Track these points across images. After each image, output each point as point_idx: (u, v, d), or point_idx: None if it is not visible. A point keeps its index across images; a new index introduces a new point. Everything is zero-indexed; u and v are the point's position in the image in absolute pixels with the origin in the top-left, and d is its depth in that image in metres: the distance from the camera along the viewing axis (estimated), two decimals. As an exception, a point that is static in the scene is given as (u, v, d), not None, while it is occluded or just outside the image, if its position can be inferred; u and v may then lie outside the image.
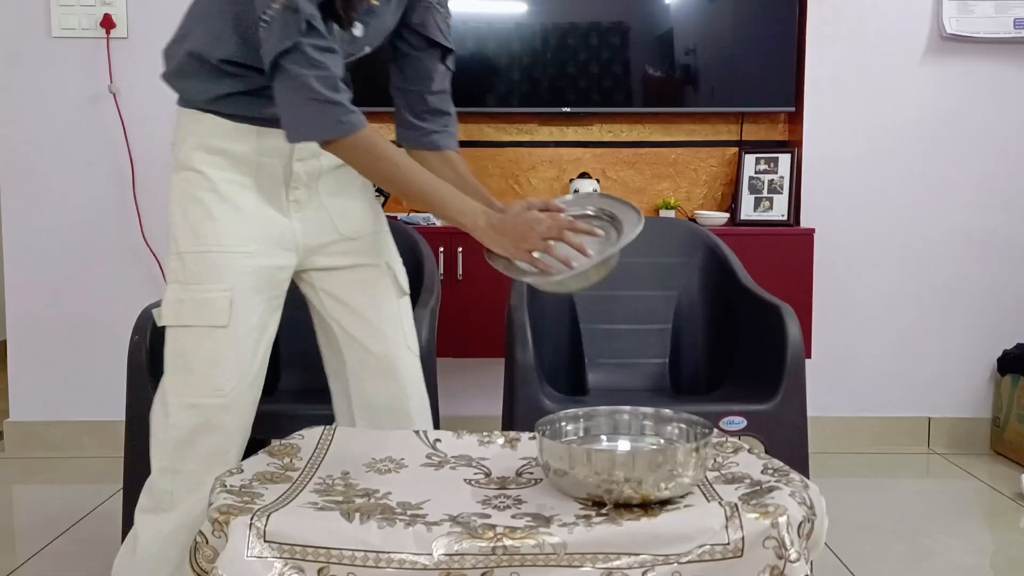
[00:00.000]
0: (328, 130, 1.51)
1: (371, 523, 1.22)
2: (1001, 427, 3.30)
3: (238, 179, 1.65)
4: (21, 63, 3.17)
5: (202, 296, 1.61)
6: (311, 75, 1.46)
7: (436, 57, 1.74)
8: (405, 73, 1.77)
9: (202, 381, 1.61)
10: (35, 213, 3.21)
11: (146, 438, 1.66)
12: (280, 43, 1.46)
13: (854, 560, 2.39)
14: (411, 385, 1.81)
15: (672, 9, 3.21)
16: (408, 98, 1.76)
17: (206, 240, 1.62)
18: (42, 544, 2.49)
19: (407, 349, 1.81)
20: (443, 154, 1.77)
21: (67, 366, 3.26)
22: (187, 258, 1.63)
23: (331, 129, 1.50)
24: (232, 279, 1.62)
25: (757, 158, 3.27)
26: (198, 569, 1.27)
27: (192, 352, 1.62)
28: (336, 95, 1.49)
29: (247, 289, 1.63)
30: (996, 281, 3.33)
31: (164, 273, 1.67)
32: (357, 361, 1.79)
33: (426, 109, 1.75)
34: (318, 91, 1.47)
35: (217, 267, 1.62)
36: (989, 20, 3.20)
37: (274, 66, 1.48)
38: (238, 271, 1.63)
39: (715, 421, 2.05)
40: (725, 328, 2.52)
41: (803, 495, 1.31)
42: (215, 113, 1.63)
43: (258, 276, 1.65)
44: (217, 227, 1.63)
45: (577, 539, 1.20)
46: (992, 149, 3.29)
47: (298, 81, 1.47)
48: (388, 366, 1.78)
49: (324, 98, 1.48)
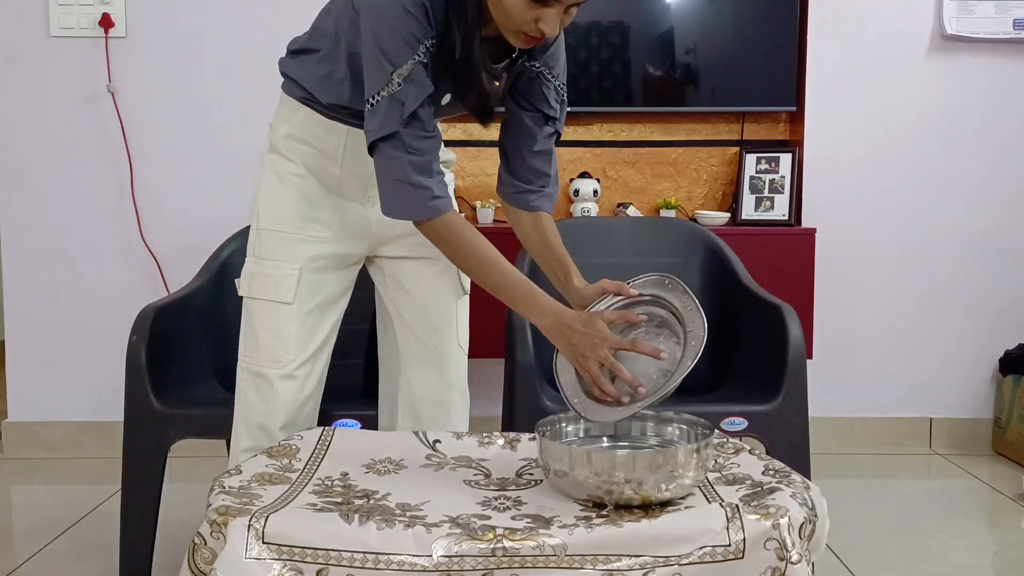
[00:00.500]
0: (414, 212, 1.58)
1: (370, 524, 1.22)
2: (1002, 427, 3.30)
3: (323, 169, 1.77)
4: (19, 62, 3.17)
5: (273, 272, 1.75)
6: (406, 159, 1.55)
7: (539, 120, 1.75)
8: (509, 129, 1.78)
9: (264, 351, 1.75)
10: (34, 213, 3.21)
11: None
12: (381, 129, 1.55)
13: (855, 561, 2.39)
14: (455, 380, 1.90)
15: (672, 8, 3.20)
16: (509, 153, 1.78)
17: (283, 221, 1.76)
18: (41, 544, 2.49)
19: (457, 345, 1.90)
20: (535, 215, 1.78)
21: (66, 366, 3.25)
22: (264, 235, 1.77)
23: (417, 211, 1.58)
24: (302, 260, 1.75)
25: (758, 158, 3.26)
26: (196, 570, 1.26)
27: (259, 323, 1.76)
28: (427, 179, 1.56)
29: (316, 270, 1.77)
30: (997, 281, 3.33)
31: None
32: (408, 349, 1.89)
33: (525, 167, 1.77)
34: (409, 175, 1.55)
35: (290, 247, 1.75)
36: (989, 20, 3.20)
37: (373, 146, 1.57)
38: (309, 254, 1.76)
39: (716, 422, 2.04)
40: (726, 328, 2.51)
41: (804, 496, 1.31)
42: (312, 107, 1.74)
43: (328, 260, 1.79)
44: (296, 210, 1.76)
45: (577, 540, 1.20)
46: (994, 149, 3.29)
47: (393, 163, 1.56)
48: (436, 358, 1.87)
49: (414, 182, 1.56)
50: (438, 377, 1.88)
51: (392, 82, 1.52)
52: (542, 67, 1.70)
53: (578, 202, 3.21)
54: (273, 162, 1.79)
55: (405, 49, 1.52)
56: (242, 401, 1.80)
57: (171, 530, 2.25)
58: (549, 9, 1.48)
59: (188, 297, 2.31)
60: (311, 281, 1.77)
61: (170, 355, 2.18)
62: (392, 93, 1.53)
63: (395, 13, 1.51)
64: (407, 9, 1.51)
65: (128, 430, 2.10)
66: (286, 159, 1.78)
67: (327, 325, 1.81)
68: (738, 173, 3.29)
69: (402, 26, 1.52)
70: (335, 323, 1.84)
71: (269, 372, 1.75)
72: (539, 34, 1.51)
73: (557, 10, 1.49)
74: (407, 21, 1.52)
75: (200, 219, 3.18)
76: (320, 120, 1.74)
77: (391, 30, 1.52)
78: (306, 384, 1.78)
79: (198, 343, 2.33)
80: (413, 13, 1.51)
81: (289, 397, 1.76)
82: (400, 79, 1.52)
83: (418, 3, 1.52)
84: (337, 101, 1.71)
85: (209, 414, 2.09)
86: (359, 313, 1.93)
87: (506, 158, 1.79)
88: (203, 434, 2.12)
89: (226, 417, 2.04)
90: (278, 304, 1.75)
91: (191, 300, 2.31)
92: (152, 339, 2.11)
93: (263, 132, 1.86)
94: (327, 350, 1.83)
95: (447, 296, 1.88)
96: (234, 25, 3.17)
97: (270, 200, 1.78)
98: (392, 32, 1.52)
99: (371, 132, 1.56)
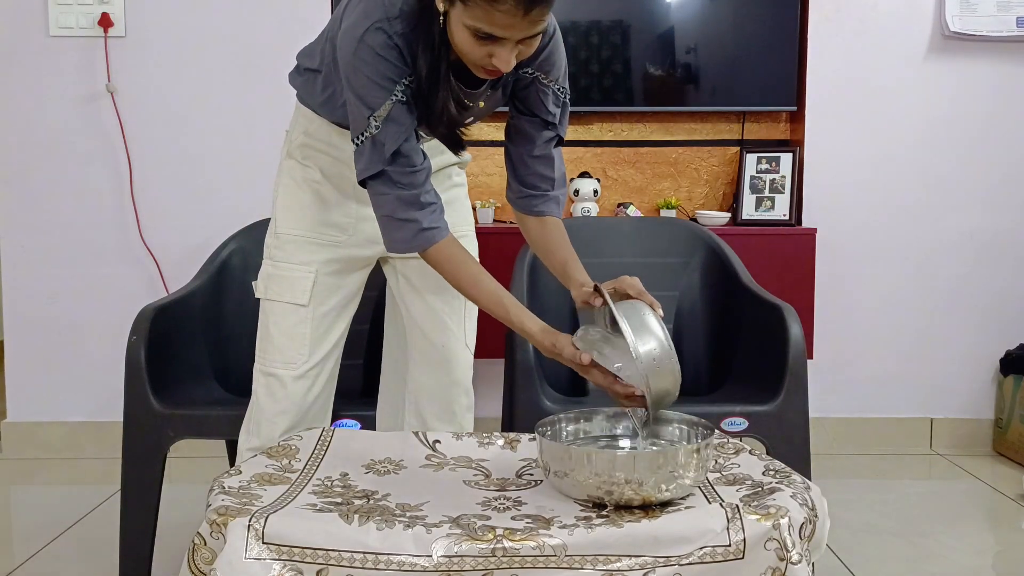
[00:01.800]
0: (407, 244, 1.62)
1: (370, 525, 1.22)
2: (1003, 428, 3.30)
3: (340, 174, 1.79)
4: (19, 62, 3.16)
5: (289, 275, 1.79)
6: (393, 195, 1.59)
7: (538, 125, 1.75)
8: (510, 134, 1.79)
9: (278, 352, 1.79)
10: (32, 213, 3.21)
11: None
12: (367, 170, 1.59)
13: (856, 561, 2.38)
14: (461, 380, 1.92)
15: (673, 7, 3.20)
16: (513, 158, 1.79)
17: (300, 225, 1.80)
18: (40, 545, 2.48)
19: (464, 345, 1.92)
20: (541, 219, 1.79)
21: (65, 367, 3.25)
22: (282, 238, 1.81)
23: (409, 244, 1.62)
24: (318, 263, 1.79)
25: (759, 157, 3.26)
26: (196, 570, 1.26)
27: (274, 324, 1.79)
28: (415, 212, 1.59)
29: (331, 273, 1.81)
30: (998, 281, 3.33)
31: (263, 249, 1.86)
32: (416, 347, 1.91)
33: (528, 171, 1.77)
34: (396, 211, 1.60)
35: (306, 251, 1.79)
36: (991, 19, 3.19)
37: (363, 183, 1.61)
38: (325, 257, 1.80)
39: (716, 422, 2.04)
40: (726, 328, 2.51)
41: (805, 496, 1.31)
42: (326, 118, 1.76)
43: (343, 263, 1.83)
44: (312, 215, 1.80)
45: (577, 541, 1.20)
46: (995, 149, 3.29)
47: (382, 199, 1.61)
48: (443, 357, 1.89)
49: (401, 218, 1.60)
50: (446, 377, 1.90)
51: (371, 125, 1.54)
52: (536, 73, 1.69)
53: (578, 202, 3.21)
54: (290, 168, 1.82)
55: (380, 92, 1.54)
56: (253, 401, 1.82)
57: (171, 530, 2.25)
58: (499, 47, 1.46)
59: (187, 297, 2.31)
60: (326, 284, 1.80)
61: (169, 355, 2.18)
62: (372, 135, 1.55)
63: (366, 60, 1.52)
64: (378, 53, 1.52)
65: (127, 430, 2.10)
66: (303, 165, 1.81)
67: (340, 327, 1.85)
68: (738, 173, 3.28)
69: (374, 71, 1.53)
70: (347, 325, 1.88)
71: (282, 373, 1.78)
72: (495, 68, 1.49)
73: (508, 46, 1.46)
74: (379, 65, 1.53)
75: (199, 219, 3.18)
76: (335, 129, 1.76)
77: (364, 76, 1.53)
78: (315, 385, 1.81)
79: (197, 343, 2.33)
80: (384, 56, 1.52)
81: (300, 398, 1.78)
82: (377, 122, 1.54)
83: (390, 44, 1.52)
84: (342, 121, 1.72)
85: (208, 414, 2.09)
86: (359, 314, 1.93)
87: (511, 163, 1.79)
88: (202, 434, 2.11)
89: (226, 417, 2.05)
90: (293, 306, 1.78)
91: (190, 300, 2.31)
92: (151, 339, 2.11)
93: (263, 132, 1.87)
94: (337, 352, 1.86)
95: (456, 296, 1.88)
96: (234, 25, 3.16)
97: (287, 205, 1.81)
98: (365, 78, 1.53)
99: (359, 172, 1.60)
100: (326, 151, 1.79)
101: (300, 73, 1.80)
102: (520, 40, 1.46)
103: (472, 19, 1.43)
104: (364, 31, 1.52)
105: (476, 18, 1.42)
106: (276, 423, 1.78)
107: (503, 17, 1.41)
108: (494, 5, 1.39)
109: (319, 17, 3.08)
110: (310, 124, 1.79)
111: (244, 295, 2.34)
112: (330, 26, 1.70)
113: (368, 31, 1.51)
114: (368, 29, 1.51)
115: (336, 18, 1.65)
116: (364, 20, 1.52)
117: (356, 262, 1.85)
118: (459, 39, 1.48)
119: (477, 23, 1.43)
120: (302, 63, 1.79)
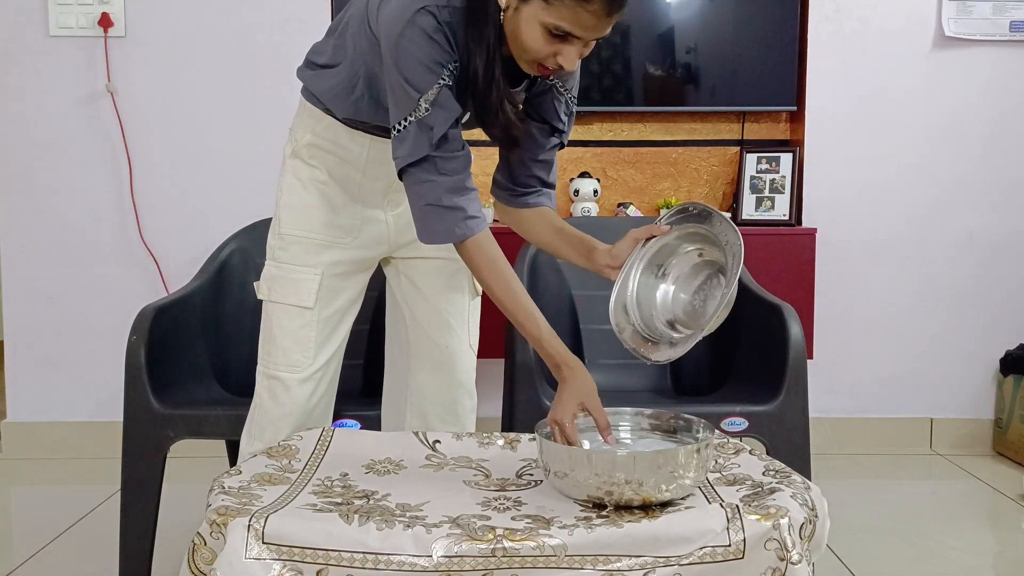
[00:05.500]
0: (447, 235, 1.57)
1: (370, 525, 1.22)
2: (1004, 428, 3.30)
3: (345, 176, 1.78)
4: (19, 62, 3.16)
5: (294, 277, 1.76)
6: (439, 181, 1.54)
7: (546, 132, 1.74)
8: None
9: (282, 355, 1.76)
10: (32, 212, 3.21)
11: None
12: (411, 155, 1.54)
13: (856, 562, 2.38)
14: (464, 380, 1.90)
15: (673, 7, 3.20)
16: (510, 159, 1.76)
17: (306, 227, 1.76)
18: (40, 545, 2.48)
19: (468, 346, 1.91)
20: (538, 210, 1.77)
21: (65, 367, 3.25)
22: (287, 239, 1.77)
23: (450, 234, 1.57)
24: (324, 265, 1.77)
25: (758, 157, 3.26)
26: (196, 570, 1.26)
27: (278, 327, 1.76)
28: (460, 199, 1.55)
29: (336, 276, 1.79)
30: (998, 281, 3.33)
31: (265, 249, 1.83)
32: (418, 348, 1.89)
33: (527, 174, 1.76)
34: (442, 198, 1.54)
35: (311, 253, 1.76)
36: (986, 22, 3.20)
37: (403, 171, 1.56)
38: (331, 259, 1.78)
39: (716, 422, 2.04)
40: (726, 328, 2.50)
41: (805, 496, 1.31)
42: (334, 116, 1.74)
43: (348, 265, 1.80)
44: (318, 216, 1.77)
45: (577, 541, 1.20)
46: (994, 149, 3.28)
47: (425, 187, 1.55)
48: (447, 358, 1.88)
49: (447, 204, 1.55)
50: (448, 376, 1.89)
51: (419, 107, 1.51)
52: (555, 80, 1.68)
53: (578, 202, 3.20)
54: (296, 168, 1.79)
55: (429, 76, 1.51)
56: (256, 404, 1.80)
57: (171, 530, 2.24)
58: (569, 46, 1.47)
59: (187, 297, 2.31)
60: (331, 286, 1.78)
61: (169, 355, 2.18)
62: (420, 119, 1.52)
63: (416, 41, 1.50)
64: (429, 35, 1.50)
65: (127, 430, 2.10)
66: (309, 165, 1.78)
67: (344, 330, 1.84)
68: (738, 173, 3.28)
69: (424, 54, 1.50)
70: (349, 327, 1.86)
71: (286, 376, 1.76)
72: (556, 67, 1.50)
73: (578, 46, 1.48)
74: (429, 48, 1.50)
75: (199, 219, 3.18)
76: (343, 129, 1.74)
77: (413, 58, 1.50)
78: (319, 389, 1.79)
79: (197, 343, 2.33)
80: (435, 39, 1.50)
81: (304, 402, 1.77)
82: (427, 104, 1.51)
83: (438, 28, 1.50)
84: (354, 116, 1.71)
85: (208, 414, 2.09)
86: (359, 314, 1.93)
87: (507, 164, 1.77)
88: (202, 434, 2.11)
89: (226, 417, 2.05)
90: (298, 309, 1.76)
91: (190, 300, 2.31)
92: (151, 339, 2.11)
93: (263, 132, 1.86)
94: (340, 355, 1.85)
95: (461, 296, 1.89)
96: (233, 24, 3.16)
97: (292, 205, 1.78)
98: (414, 60, 1.51)
99: (400, 158, 1.55)
100: (333, 151, 1.76)
101: (310, 68, 1.78)
102: (587, 41, 1.48)
103: (554, 17, 1.43)
104: (414, 12, 1.50)
105: (560, 16, 1.43)
106: (279, 427, 1.76)
107: (589, 17, 1.43)
108: (584, 5, 1.41)
109: (319, 17, 3.08)
110: (317, 124, 1.76)
111: (244, 295, 2.34)
112: (345, 18, 1.69)
113: (418, 13, 1.49)
114: (418, 11, 1.49)
115: (361, 8, 1.63)
116: (413, 3, 1.50)
117: (361, 263, 1.84)
118: (528, 35, 1.47)
119: (559, 21, 1.43)
120: (313, 59, 1.78)
